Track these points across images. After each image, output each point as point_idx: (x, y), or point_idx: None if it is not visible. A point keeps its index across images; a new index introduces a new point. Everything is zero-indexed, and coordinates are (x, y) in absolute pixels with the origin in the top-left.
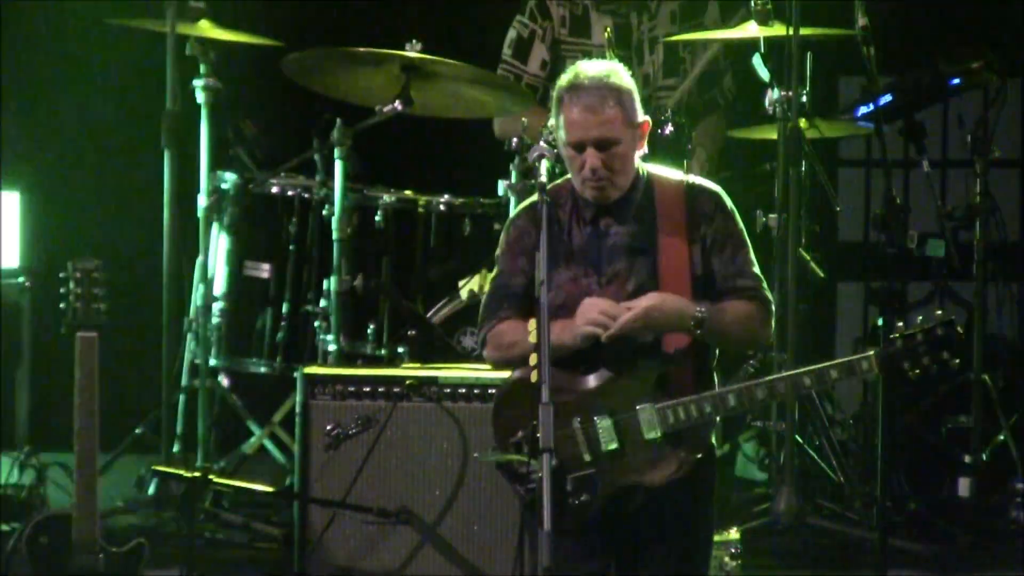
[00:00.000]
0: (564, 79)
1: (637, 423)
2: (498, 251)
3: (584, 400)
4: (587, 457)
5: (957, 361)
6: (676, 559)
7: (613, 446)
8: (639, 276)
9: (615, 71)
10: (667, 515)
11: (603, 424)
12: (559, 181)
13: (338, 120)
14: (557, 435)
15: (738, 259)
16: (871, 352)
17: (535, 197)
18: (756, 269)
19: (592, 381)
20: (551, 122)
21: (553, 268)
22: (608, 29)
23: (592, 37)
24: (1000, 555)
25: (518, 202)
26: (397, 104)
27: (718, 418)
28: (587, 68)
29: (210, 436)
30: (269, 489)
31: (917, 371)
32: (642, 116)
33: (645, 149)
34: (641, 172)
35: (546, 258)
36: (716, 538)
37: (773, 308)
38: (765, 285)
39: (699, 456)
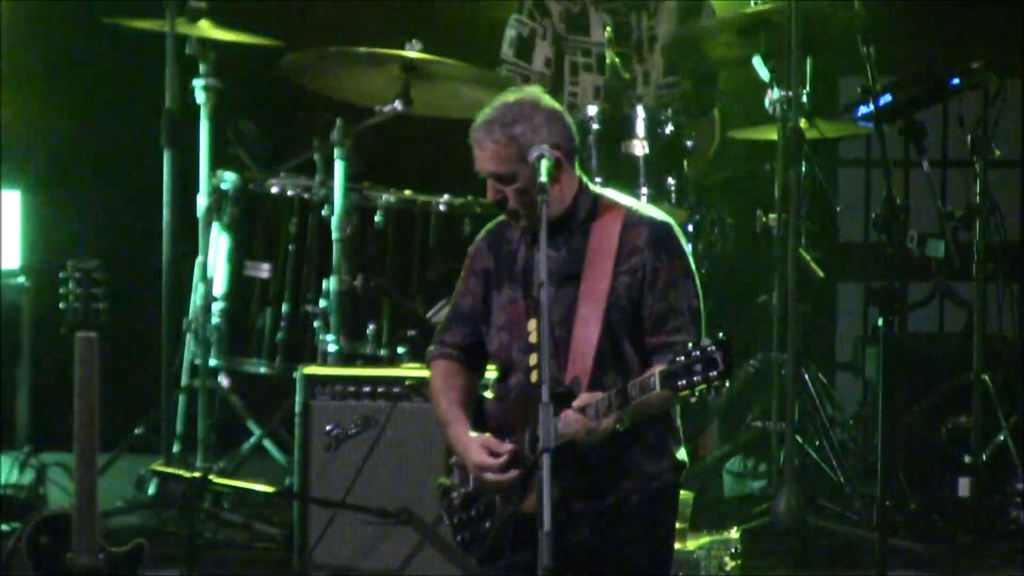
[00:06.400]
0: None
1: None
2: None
3: (494, 424)
4: None
5: (726, 384)
6: None
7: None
8: (561, 305)
9: (522, 101)
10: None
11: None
12: None
13: (338, 120)
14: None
15: (671, 296)
16: (657, 370)
17: (501, 218)
18: (695, 305)
19: (502, 406)
20: None
21: (497, 289)
22: (608, 28)
23: (591, 35)
24: (1000, 555)
25: None
26: (397, 104)
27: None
28: (497, 99)
29: (210, 436)
30: (269, 489)
31: (689, 391)
32: (548, 152)
33: (578, 172)
34: (589, 196)
35: (545, 258)
36: (716, 538)
37: None
38: (701, 327)
39: (596, 483)
